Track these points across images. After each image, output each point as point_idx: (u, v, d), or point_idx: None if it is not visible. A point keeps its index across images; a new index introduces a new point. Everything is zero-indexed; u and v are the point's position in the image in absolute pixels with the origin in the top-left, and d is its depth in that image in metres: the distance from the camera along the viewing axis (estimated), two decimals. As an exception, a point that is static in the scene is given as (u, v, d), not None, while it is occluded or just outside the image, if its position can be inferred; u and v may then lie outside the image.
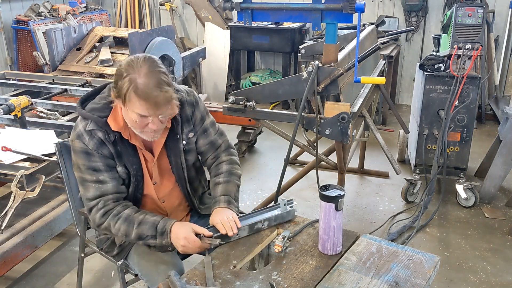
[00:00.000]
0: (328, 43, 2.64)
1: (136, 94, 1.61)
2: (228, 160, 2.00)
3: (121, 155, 1.80)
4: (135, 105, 1.63)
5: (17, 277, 2.79)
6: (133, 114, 1.65)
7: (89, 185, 1.78)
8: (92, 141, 1.75)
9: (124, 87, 1.61)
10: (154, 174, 1.89)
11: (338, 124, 2.52)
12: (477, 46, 3.30)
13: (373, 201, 3.71)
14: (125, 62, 1.66)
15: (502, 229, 3.32)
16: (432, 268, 1.57)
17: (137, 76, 1.61)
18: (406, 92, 6.01)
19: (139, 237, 1.75)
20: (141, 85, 1.60)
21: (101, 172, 1.77)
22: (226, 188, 1.91)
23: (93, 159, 1.76)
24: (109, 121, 1.75)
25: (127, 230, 1.75)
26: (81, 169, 1.78)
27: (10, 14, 5.48)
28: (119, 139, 1.78)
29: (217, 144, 2.01)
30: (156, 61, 1.68)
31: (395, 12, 5.76)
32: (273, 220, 1.84)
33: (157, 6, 6.73)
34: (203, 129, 1.96)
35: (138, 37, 4.39)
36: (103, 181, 1.77)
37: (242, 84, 6.02)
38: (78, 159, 1.78)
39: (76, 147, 1.77)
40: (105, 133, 1.75)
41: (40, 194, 2.63)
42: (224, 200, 1.87)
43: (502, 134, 3.56)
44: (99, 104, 1.78)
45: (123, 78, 1.62)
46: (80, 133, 1.76)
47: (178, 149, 1.89)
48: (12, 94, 4.06)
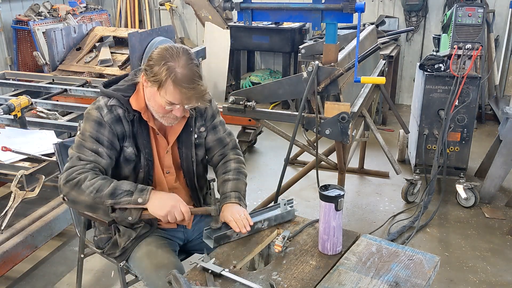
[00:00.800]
0: (328, 43, 2.64)
1: (174, 84, 1.65)
2: (236, 159, 2.03)
3: (135, 136, 1.82)
4: (170, 93, 1.67)
5: (17, 277, 2.79)
6: (163, 99, 1.70)
7: (86, 150, 1.77)
8: (110, 115, 1.77)
9: (162, 74, 1.65)
10: (166, 162, 1.91)
11: (338, 124, 2.52)
12: (477, 46, 3.30)
13: (373, 201, 3.71)
14: (162, 48, 1.70)
15: (502, 229, 3.32)
16: (432, 268, 1.57)
17: (176, 66, 1.65)
18: (406, 92, 6.01)
19: (112, 193, 1.70)
20: (180, 76, 1.65)
21: (102, 145, 1.78)
22: (236, 185, 1.93)
23: (101, 130, 1.77)
24: (131, 100, 1.80)
25: (102, 185, 1.70)
26: (85, 135, 1.78)
27: (10, 14, 5.48)
28: (138, 120, 1.81)
29: (224, 142, 2.04)
30: (191, 53, 1.73)
31: (395, 12, 5.76)
32: (273, 220, 1.84)
33: (157, 6, 6.73)
34: (212, 126, 2.00)
35: (138, 37, 4.39)
36: (100, 153, 1.77)
37: (242, 84, 6.02)
38: (87, 126, 1.78)
39: (91, 115, 1.78)
40: (125, 111, 1.79)
41: (40, 194, 2.63)
42: (235, 196, 1.89)
43: (502, 134, 3.56)
44: (123, 86, 1.84)
45: (161, 64, 1.66)
46: (100, 106, 1.79)
47: (190, 142, 1.93)
48: (12, 94, 4.06)
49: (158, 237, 1.93)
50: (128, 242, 1.90)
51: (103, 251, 2.00)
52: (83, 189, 1.70)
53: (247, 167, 4.34)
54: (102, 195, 1.70)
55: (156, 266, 1.80)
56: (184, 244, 2.03)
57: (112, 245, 1.96)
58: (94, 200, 1.70)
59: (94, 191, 1.70)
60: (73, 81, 4.39)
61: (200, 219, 2.06)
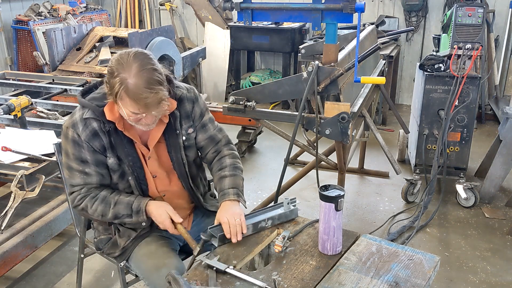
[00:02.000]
0: (328, 43, 2.64)
1: (127, 95, 1.61)
2: (231, 154, 2.00)
3: (114, 146, 1.80)
4: (127, 104, 1.64)
5: (17, 277, 2.79)
6: (126, 110, 1.66)
7: (75, 173, 1.82)
8: (85, 132, 1.76)
9: (115, 87, 1.61)
10: (151, 168, 1.89)
11: (338, 124, 2.52)
12: (477, 46, 3.30)
13: (373, 201, 3.71)
14: (115, 58, 1.65)
15: (502, 229, 3.32)
16: (432, 268, 1.57)
17: (128, 76, 1.60)
18: (406, 92, 6.01)
19: (115, 217, 1.83)
20: (132, 86, 1.59)
21: (88, 164, 1.80)
22: (234, 181, 1.91)
23: (82, 150, 1.78)
24: (105, 110, 1.75)
25: (104, 210, 1.82)
26: (69, 157, 1.81)
27: (10, 14, 5.48)
28: (114, 130, 1.78)
29: (216, 139, 2.01)
30: (146, 57, 1.65)
31: (395, 12, 5.76)
32: (277, 219, 1.84)
33: (157, 6, 6.73)
34: (202, 124, 1.97)
35: (138, 37, 4.39)
36: (88, 174, 1.81)
37: (242, 84, 6.02)
38: (67, 147, 1.81)
39: (68, 135, 1.79)
40: (101, 123, 1.76)
41: (40, 194, 2.63)
42: (233, 193, 1.86)
43: (502, 134, 3.56)
44: (99, 94, 1.81)
45: (114, 76, 1.62)
46: (75, 121, 1.78)
47: (178, 145, 1.90)
48: (12, 94, 4.06)
49: (158, 237, 1.93)
50: (128, 242, 1.90)
51: (103, 251, 2.00)
52: (91, 214, 1.86)
53: (247, 167, 4.38)
54: (108, 218, 1.85)
55: (157, 266, 1.79)
56: (185, 244, 2.02)
57: (112, 245, 1.96)
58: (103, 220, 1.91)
59: (100, 216, 1.85)
60: (73, 81, 4.38)
61: (200, 220, 2.06)
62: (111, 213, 1.82)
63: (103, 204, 1.82)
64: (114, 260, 1.97)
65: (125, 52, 1.66)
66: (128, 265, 1.95)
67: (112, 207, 1.82)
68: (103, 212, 1.83)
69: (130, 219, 1.83)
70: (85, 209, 1.84)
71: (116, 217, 1.83)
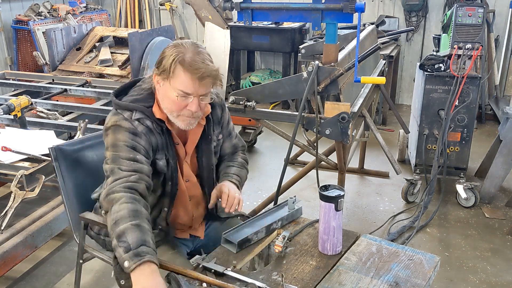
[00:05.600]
0: (328, 43, 2.64)
1: (182, 66, 1.60)
2: (243, 156, 2.06)
3: (166, 147, 1.73)
4: (181, 80, 1.61)
5: (17, 277, 2.79)
6: (175, 91, 1.63)
7: (123, 161, 1.61)
8: (141, 127, 1.68)
9: (169, 61, 1.61)
10: (186, 172, 1.84)
11: (338, 124, 2.52)
12: (477, 46, 3.30)
13: (373, 201, 3.71)
14: (171, 44, 1.69)
15: (502, 229, 3.32)
16: (432, 268, 1.57)
17: (184, 52, 1.62)
18: (406, 92, 6.01)
19: (119, 235, 1.48)
20: (188, 58, 1.61)
21: (140, 153, 1.65)
22: (239, 172, 1.95)
23: (137, 139, 1.65)
24: (154, 110, 1.71)
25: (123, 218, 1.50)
26: (118, 146, 1.64)
27: (10, 14, 5.48)
28: (166, 130, 1.74)
29: (238, 148, 2.07)
30: (200, 45, 1.70)
31: (395, 12, 5.76)
32: (285, 219, 1.85)
33: (157, 6, 6.73)
34: (228, 132, 1.98)
35: (138, 37, 4.39)
36: (139, 160, 1.63)
37: (242, 84, 6.02)
38: (119, 136, 1.65)
39: (122, 126, 1.66)
40: (153, 122, 1.69)
41: (40, 194, 2.63)
42: (236, 179, 1.89)
43: (502, 134, 3.56)
44: (141, 95, 1.74)
45: (169, 55, 1.63)
46: (127, 118, 1.67)
47: (210, 150, 1.88)
48: (12, 94, 4.06)
49: (170, 246, 1.86)
50: None
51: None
52: (112, 211, 1.54)
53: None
54: (114, 231, 1.50)
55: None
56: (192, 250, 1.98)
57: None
58: (110, 230, 1.53)
59: (113, 222, 1.51)
60: (73, 81, 4.39)
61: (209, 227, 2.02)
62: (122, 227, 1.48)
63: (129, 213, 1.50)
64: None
65: (179, 40, 1.71)
66: None
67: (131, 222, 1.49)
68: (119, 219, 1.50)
69: (122, 253, 1.44)
70: (113, 202, 1.54)
71: (119, 237, 1.47)
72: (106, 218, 1.58)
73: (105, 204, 1.59)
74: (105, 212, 1.60)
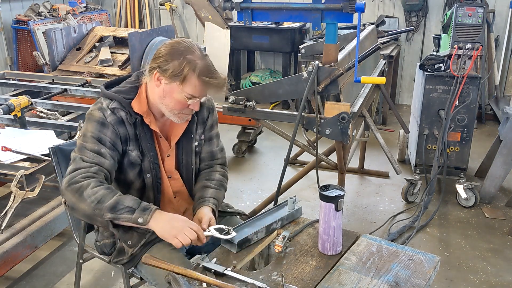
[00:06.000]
0: (328, 43, 2.64)
1: (198, 76, 1.65)
2: (222, 172, 2.00)
3: (138, 139, 1.79)
4: (193, 86, 1.67)
5: (17, 277, 2.79)
6: (184, 94, 1.69)
7: (87, 152, 1.70)
8: (112, 117, 1.74)
9: (185, 68, 1.64)
10: (168, 167, 1.88)
11: (338, 124, 2.52)
12: (477, 46, 3.30)
13: (373, 201, 3.71)
14: (172, 43, 1.70)
15: (502, 229, 3.32)
16: (432, 268, 1.57)
17: (196, 58, 1.66)
18: (406, 92, 6.01)
19: (113, 207, 1.61)
20: (202, 67, 1.66)
21: (105, 146, 1.72)
22: (216, 195, 1.89)
23: (104, 131, 1.73)
24: (133, 103, 1.77)
25: (105, 195, 1.62)
26: (86, 136, 1.72)
27: (10, 14, 5.48)
28: (140, 123, 1.78)
29: (215, 156, 2.01)
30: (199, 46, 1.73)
31: (395, 12, 5.76)
32: (285, 219, 1.85)
33: (157, 6, 6.74)
34: (209, 137, 1.98)
35: (138, 37, 4.39)
36: (103, 154, 1.71)
37: (242, 84, 6.02)
38: (89, 127, 1.73)
39: (93, 116, 1.74)
40: (128, 114, 1.75)
41: (40, 194, 2.63)
42: (213, 203, 1.85)
43: (502, 134, 3.56)
44: (125, 88, 1.81)
45: (180, 58, 1.65)
46: (103, 107, 1.75)
47: (190, 148, 1.91)
48: (12, 94, 4.06)
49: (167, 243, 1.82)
50: (136, 249, 1.81)
51: (110, 260, 1.90)
52: (85, 197, 1.62)
53: (247, 167, 4.37)
54: (103, 207, 1.61)
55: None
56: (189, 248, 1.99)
57: (118, 252, 1.87)
58: (93, 211, 1.62)
59: (96, 201, 1.61)
60: (73, 81, 4.38)
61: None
62: (113, 200, 1.61)
63: (108, 190, 1.63)
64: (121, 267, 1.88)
65: (180, 39, 1.73)
66: (136, 271, 1.89)
67: (117, 195, 1.63)
68: (102, 197, 1.61)
69: (129, 215, 1.61)
70: (81, 189, 1.62)
71: (114, 208, 1.61)
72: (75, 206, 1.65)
73: (69, 194, 1.65)
74: (69, 202, 1.66)
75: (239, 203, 3.64)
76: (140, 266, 1.86)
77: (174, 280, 1.42)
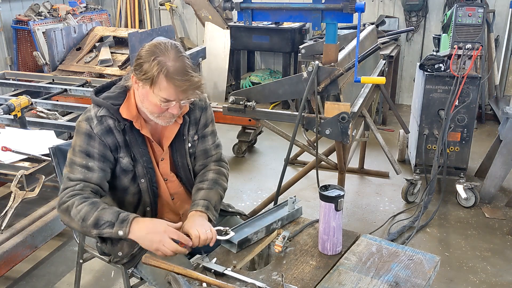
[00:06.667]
0: (328, 43, 2.64)
1: (166, 78, 1.61)
2: (216, 169, 1.96)
3: (129, 145, 1.77)
4: (164, 89, 1.62)
5: (17, 277, 2.79)
6: (157, 97, 1.65)
7: (76, 168, 1.72)
8: (100, 127, 1.73)
9: (153, 70, 1.61)
10: (164, 170, 1.87)
11: (338, 124, 2.52)
12: (477, 46, 3.30)
13: (373, 201, 3.71)
14: (150, 45, 1.67)
15: (502, 229, 3.32)
16: (432, 268, 1.57)
17: (167, 60, 1.61)
18: (406, 92, 6.01)
19: (95, 223, 1.64)
20: (172, 69, 1.61)
21: (92, 159, 1.73)
22: (207, 194, 1.84)
23: (91, 143, 1.73)
24: (121, 109, 1.74)
25: (87, 213, 1.64)
26: (75, 151, 1.74)
27: (10, 14, 5.48)
28: (129, 129, 1.76)
29: (209, 154, 1.98)
30: (180, 46, 1.68)
31: (395, 12, 5.76)
32: (285, 219, 1.85)
33: (157, 6, 6.73)
34: (202, 135, 1.96)
35: (138, 37, 4.39)
36: (90, 168, 1.72)
37: (242, 84, 6.02)
38: (77, 140, 1.74)
39: (81, 128, 1.74)
40: (116, 121, 1.74)
41: (40, 194, 2.63)
42: (202, 205, 1.79)
43: (502, 134, 3.56)
44: (114, 93, 1.78)
45: (151, 60, 1.62)
46: (90, 117, 1.74)
47: (184, 150, 1.89)
48: (12, 94, 4.06)
49: None
50: (136, 249, 1.81)
51: (110, 260, 1.92)
52: (72, 216, 1.67)
53: (247, 167, 4.37)
54: (87, 225, 1.65)
55: None
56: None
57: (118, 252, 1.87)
58: (82, 228, 1.68)
59: (81, 220, 1.65)
60: (73, 81, 4.39)
61: None
62: (94, 217, 1.63)
63: (90, 206, 1.65)
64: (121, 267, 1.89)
65: (159, 40, 1.68)
66: (136, 271, 1.89)
67: (98, 210, 1.65)
68: (85, 215, 1.64)
69: (110, 230, 1.63)
70: (69, 209, 1.66)
71: (96, 225, 1.64)
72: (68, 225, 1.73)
73: (61, 215, 1.73)
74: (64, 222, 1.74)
75: (239, 203, 3.64)
76: (140, 266, 1.86)
77: (174, 280, 1.42)
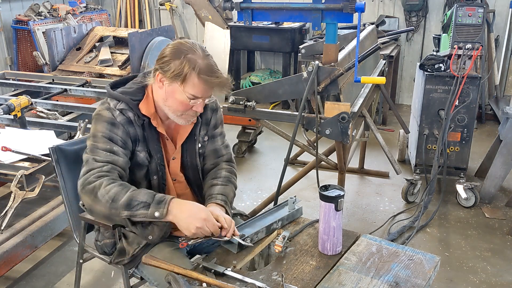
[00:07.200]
0: (328, 43, 2.64)
1: (199, 76, 1.64)
2: (228, 168, 1.98)
3: (146, 140, 1.78)
4: (195, 86, 1.66)
5: (17, 277, 2.78)
6: (186, 94, 1.68)
7: (100, 152, 1.69)
8: (121, 117, 1.73)
9: (184, 67, 1.64)
10: (174, 169, 1.88)
11: (338, 124, 2.52)
12: (477, 46, 3.30)
13: (373, 201, 3.71)
14: (175, 44, 1.70)
15: (502, 229, 3.32)
16: (432, 268, 1.57)
17: (197, 58, 1.65)
18: (406, 92, 6.01)
19: (127, 204, 1.60)
20: (204, 66, 1.64)
21: (116, 144, 1.71)
22: (224, 190, 1.87)
23: (115, 130, 1.71)
24: (141, 105, 1.76)
25: (118, 193, 1.60)
26: (97, 137, 1.71)
27: (10, 14, 5.48)
28: (148, 125, 1.78)
29: (219, 153, 2.00)
30: (203, 46, 1.73)
31: (395, 12, 5.76)
32: (286, 219, 1.85)
33: (157, 6, 6.74)
34: (212, 135, 1.97)
35: (138, 37, 4.39)
36: (116, 152, 1.70)
37: (242, 84, 6.02)
38: (98, 127, 1.72)
39: (102, 116, 1.73)
40: (135, 115, 1.74)
41: (40, 194, 2.63)
42: (221, 199, 1.82)
43: (502, 134, 3.56)
44: (131, 89, 1.79)
45: (181, 58, 1.64)
46: (111, 107, 1.74)
47: (194, 150, 1.90)
48: (12, 94, 4.06)
49: (169, 243, 1.84)
50: (137, 249, 1.81)
51: (111, 261, 1.89)
52: (99, 197, 1.61)
53: (247, 167, 4.37)
54: (118, 206, 1.60)
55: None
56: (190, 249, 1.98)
57: (119, 253, 1.86)
58: (110, 210, 1.61)
59: (110, 201, 1.60)
60: (73, 81, 4.39)
61: None
62: (126, 197, 1.59)
63: (121, 187, 1.61)
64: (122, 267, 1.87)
65: (183, 40, 1.72)
66: (137, 272, 1.88)
67: (130, 190, 1.61)
68: (115, 195, 1.59)
69: (145, 211, 1.59)
70: (95, 189, 1.61)
71: (129, 205, 1.59)
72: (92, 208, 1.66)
73: (85, 197, 1.66)
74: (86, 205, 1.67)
75: (239, 203, 3.64)
76: (141, 267, 1.86)
77: (174, 280, 1.42)
